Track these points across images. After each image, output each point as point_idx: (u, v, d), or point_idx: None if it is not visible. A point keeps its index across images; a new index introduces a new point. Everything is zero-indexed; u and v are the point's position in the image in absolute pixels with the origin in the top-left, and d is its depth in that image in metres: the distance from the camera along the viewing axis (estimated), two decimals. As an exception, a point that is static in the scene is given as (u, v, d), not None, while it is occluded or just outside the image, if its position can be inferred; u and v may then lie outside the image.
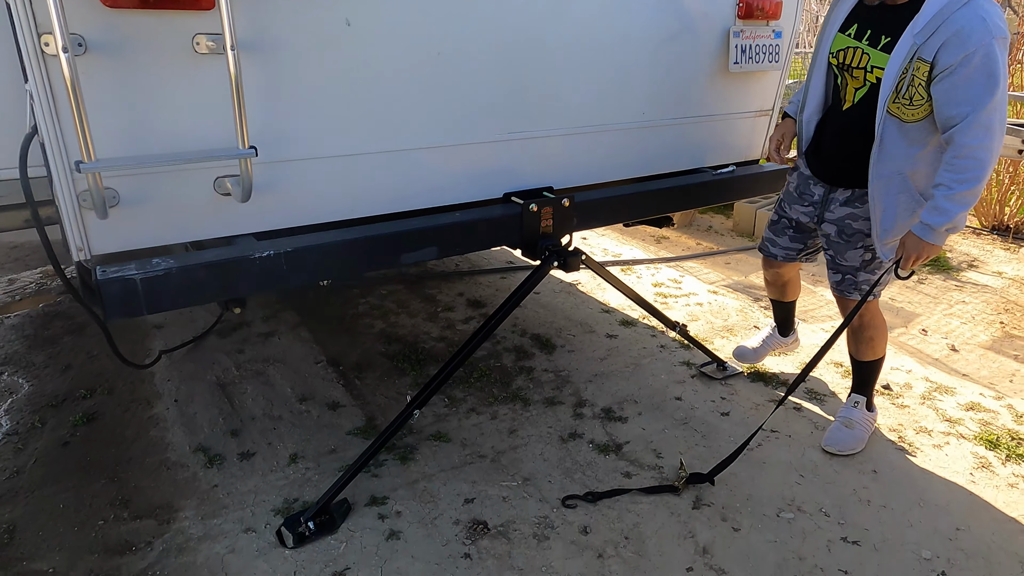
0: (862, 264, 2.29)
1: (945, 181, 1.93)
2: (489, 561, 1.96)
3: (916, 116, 1.96)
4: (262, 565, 1.95)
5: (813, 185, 2.38)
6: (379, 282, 4.00)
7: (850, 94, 2.18)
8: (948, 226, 1.96)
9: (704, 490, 2.25)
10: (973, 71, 1.82)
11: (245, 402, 2.76)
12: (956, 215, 1.94)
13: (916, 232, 2.01)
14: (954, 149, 1.90)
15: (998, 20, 1.83)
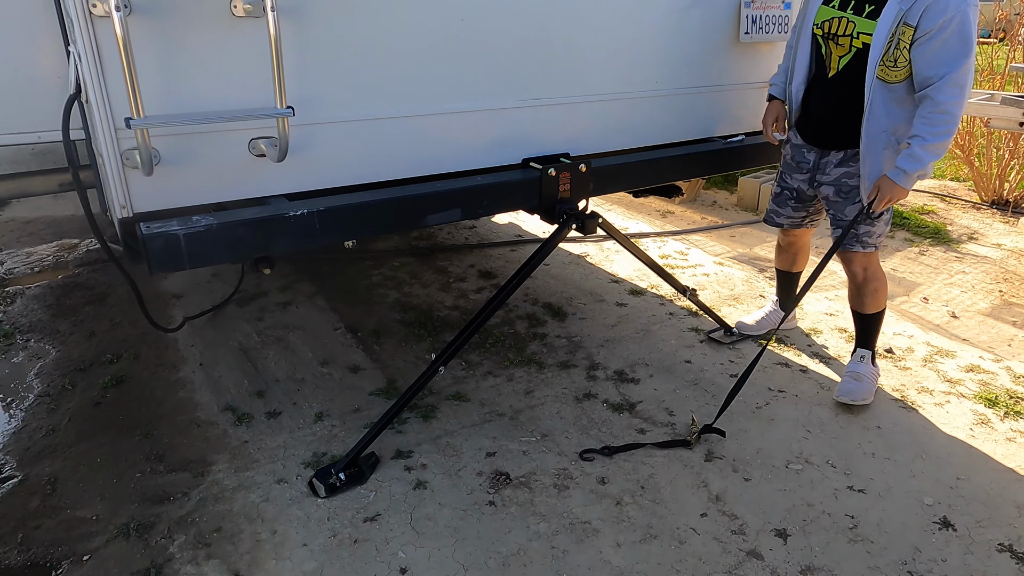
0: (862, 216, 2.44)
1: (921, 133, 2.12)
2: (512, 508, 2.05)
3: (899, 77, 2.14)
4: (296, 512, 2.04)
5: (806, 152, 2.51)
6: (391, 254, 4.08)
7: (835, 62, 2.32)
8: (920, 172, 2.17)
9: (715, 444, 2.35)
10: (950, 36, 2.02)
11: (268, 366, 2.85)
12: (928, 163, 2.15)
13: (891, 176, 2.22)
14: (930, 105, 2.09)
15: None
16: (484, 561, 1.86)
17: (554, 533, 1.96)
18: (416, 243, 4.26)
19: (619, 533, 1.96)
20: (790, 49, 2.52)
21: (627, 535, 1.95)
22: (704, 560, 1.87)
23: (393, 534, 1.95)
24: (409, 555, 1.88)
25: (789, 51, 2.53)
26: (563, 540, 1.93)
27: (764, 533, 1.96)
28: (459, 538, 1.94)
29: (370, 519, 2.01)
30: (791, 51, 2.49)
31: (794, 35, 2.48)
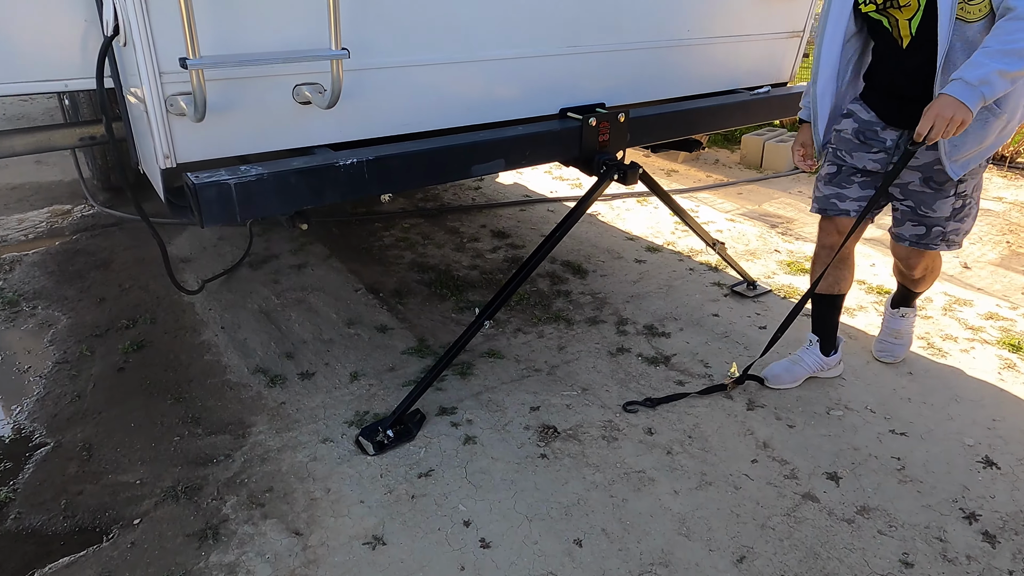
0: (952, 213, 2.08)
1: (990, 43, 1.76)
2: (565, 459, 2.05)
3: (980, 14, 1.84)
4: (347, 470, 2.01)
5: (881, 131, 2.08)
6: (400, 216, 4.00)
7: (905, 28, 1.97)
8: (982, 81, 1.72)
9: (755, 393, 2.37)
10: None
11: (292, 327, 2.79)
12: (993, 72, 1.71)
13: (949, 91, 1.76)
14: (1008, 15, 1.75)
15: None
16: (546, 511, 1.86)
17: (610, 483, 1.96)
18: (423, 205, 4.18)
19: (674, 481, 1.97)
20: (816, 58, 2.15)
21: (682, 482, 1.97)
22: (761, 504, 1.90)
23: (450, 488, 1.94)
24: (470, 508, 1.87)
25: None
26: (620, 489, 1.94)
27: (816, 476, 2.00)
28: (517, 490, 1.93)
29: (424, 475, 1.99)
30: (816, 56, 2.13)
31: (819, 38, 2.10)
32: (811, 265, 2.37)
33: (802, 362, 2.43)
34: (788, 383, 2.41)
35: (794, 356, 2.46)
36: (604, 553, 1.73)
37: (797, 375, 2.42)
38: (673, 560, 1.72)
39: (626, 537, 1.78)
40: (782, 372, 2.43)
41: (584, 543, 1.77)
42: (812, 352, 2.43)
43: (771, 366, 2.46)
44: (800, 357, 2.44)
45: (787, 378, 2.41)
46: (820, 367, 2.43)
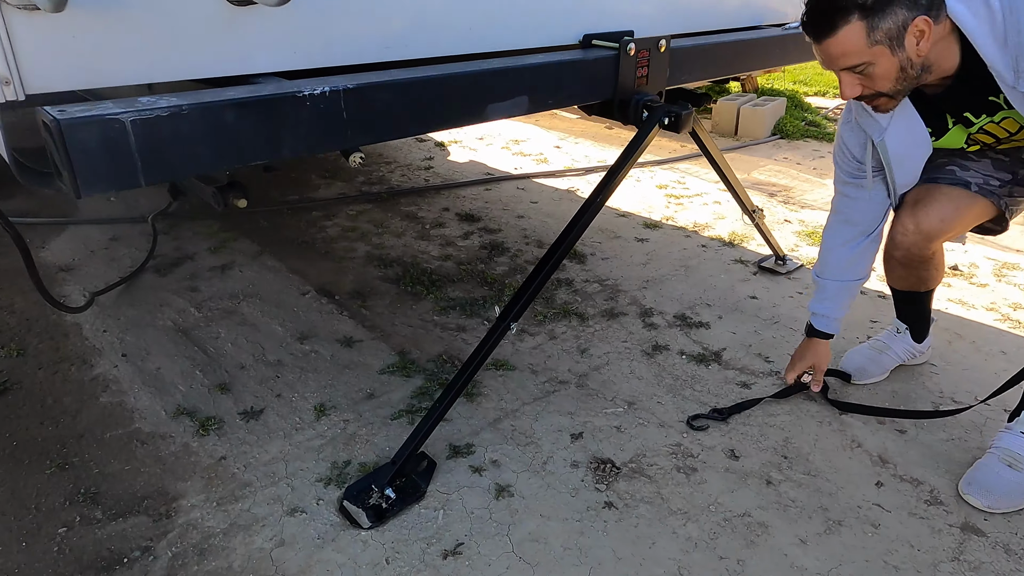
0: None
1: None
2: (640, 508, 1.49)
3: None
4: (333, 557, 1.37)
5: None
6: (342, 202, 3.31)
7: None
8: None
9: (839, 391, 1.89)
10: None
11: (224, 348, 2.08)
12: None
13: None
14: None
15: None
16: (641, 594, 1.30)
17: (712, 537, 1.42)
18: (367, 189, 3.50)
19: (792, 524, 1.45)
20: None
21: (804, 526, 1.45)
22: (917, 547, 1.41)
23: (494, 572, 1.34)
24: (530, 601, 1.28)
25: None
26: (729, 544, 1.40)
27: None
28: (592, 564, 1.35)
29: (451, 552, 1.38)
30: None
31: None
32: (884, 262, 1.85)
33: (890, 350, 1.96)
34: (877, 376, 1.94)
35: (876, 343, 1.99)
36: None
37: (886, 366, 1.95)
38: (836, 650, 1.20)
39: (758, 619, 1.25)
40: (867, 363, 1.94)
41: (711, 640, 1.22)
42: (902, 340, 1.96)
43: (850, 356, 1.98)
44: (886, 344, 1.97)
45: (875, 370, 1.94)
46: (911, 355, 1.98)
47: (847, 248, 1.71)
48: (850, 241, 1.71)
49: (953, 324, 2.24)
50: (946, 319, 2.26)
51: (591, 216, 1.69)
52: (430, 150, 4.17)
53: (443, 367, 1.99)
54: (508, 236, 2.93)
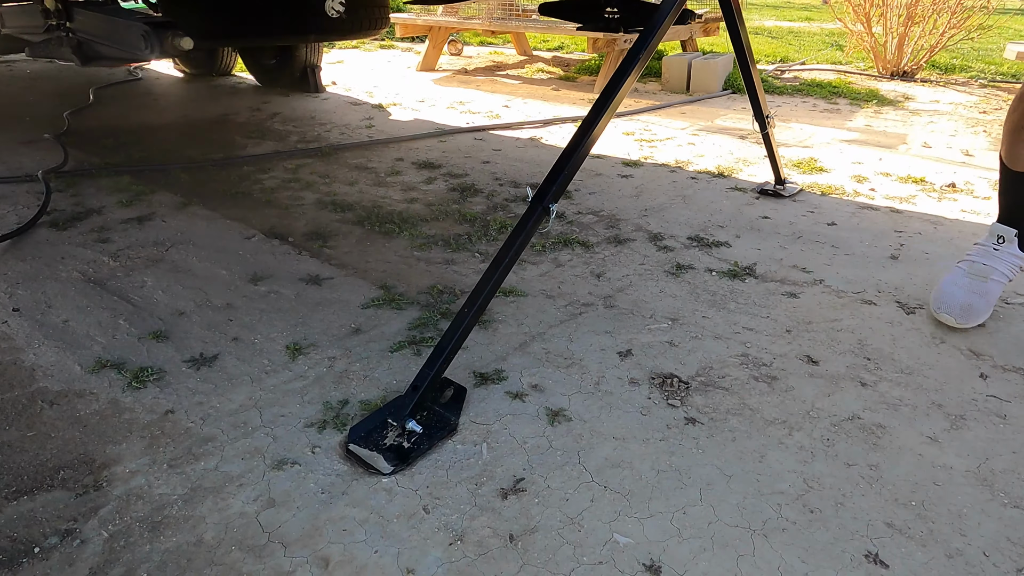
0: None
1: None
2: (731, 420, 1.19)
3: None
4: (350, 512, 0.99)
5: None
6: (275, 158, 2.87)
7: None
8: None
9: (884, 294, 1.67)
10: None
11: (153, 296, 1.63)
12: None
13: None
14: None
15: None
16: (776, 515, 0.99)
17: (828, 444, 1.14)
18: (303, 146, 3.07)
19: (913, 423, 1.19)
20: None
21: (927, 424, 1.20)
22: (1060, 433, 1.18)
23: (575, 507, 0.99)
24: (640, 540, 0.95)
25: None
26: (851, 450, 1.12)
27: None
28: (699, 485, 1.03)
29: (511, 491, 1.02)
30: None
31: None
32: (1012, 122, 1.48)
33: (995, 272, 1.51)
34: (985, 313, 1.50)
35: (976, 265, 1.53)
36: (932, 570, 0.91)
37: (993, 294, 1.51)
38: (1028, 554, 0.93)
39: (942, 531, 0.96)
40: (971, 299, 1.49)
41: (884, 556, 0.93)
42: (1006, 254, 1.52)
43: (947, 291, 1.51)
44: (988, 265, 1.52)
45: (983, 306, 1.49)
46: (1017, 269, 1.54)
47: None
48: None
49: (980, 231, 2.09)
50: (973, 227, 2.12)
51: (620, 99, 1.39)
52: (368, 111, 3.77)
53: (440, 297, 1.63)
54: (478, 179, 2.59)
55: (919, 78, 4.80)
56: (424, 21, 4.97)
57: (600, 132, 1.35)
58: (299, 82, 4.23)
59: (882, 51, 4.82)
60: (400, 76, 4.95)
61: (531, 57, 5.86)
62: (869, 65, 5.12)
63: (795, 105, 3.95)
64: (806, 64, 5.32)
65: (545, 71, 5.15)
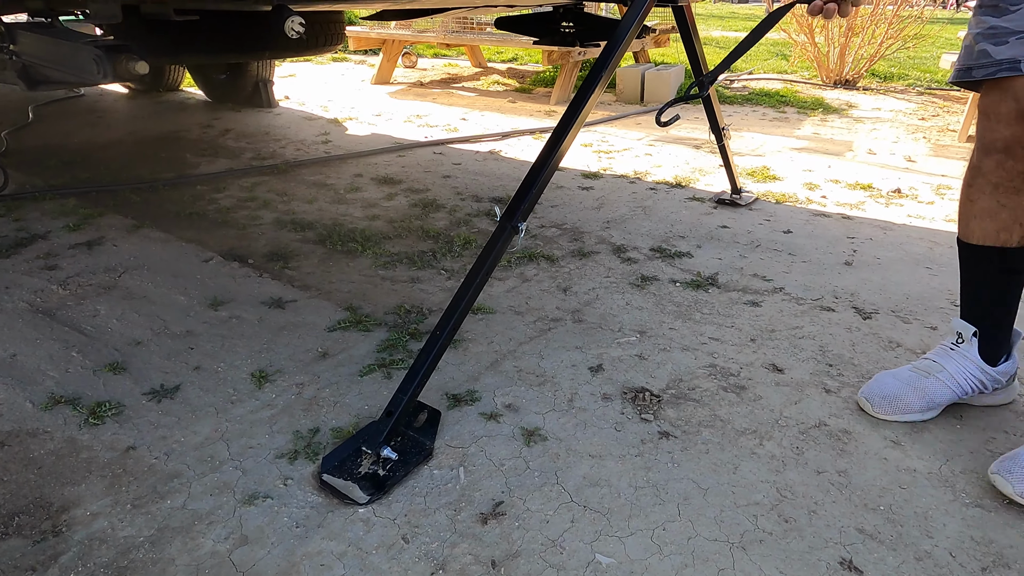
0: None
1: None
2: (703, 432, 1.21)
3: None
4: (327, 546, 0.96)
5: None
6: (230, 175, 2.80)
7: None
8: None
9: (842, 297, 1.73)
10: None
11: (107, 325, 1.57)
12: None
13: None
14: None
15: None
16: (753, 525, 1.00)
17: (798, 452, 1.16)
18: (258, 163, 3.01)
19: (877, 428, 1.23)
20: None
21: (889, 428, 1.23)
22: (1010, 432, 1.23)
23: (556, 529, 0.99)
24: (621, 559, 0.95)
25: None
26: (820, 457, 1.14)
27: None
28: (676, 499, 1.04)
29: (491, 515, 1.01)
30: None
31: None
32: (963, 192, 1.22)
33: (942, 372, 1.26)
34: (916, 411, 1.25)
35: (923, 360, 1.31)
36: (903, 572, 0.93)
37: (933, 394, 1.25)
38: (1012, 558, 0.97)
39: (910, 534, 0.99)
40: (900, 390, 1.26)
41: (858, 562, 0.95)
42: (962, 355, 1.26)
43: (876, 376, 1.32)
44: (936, 363, 1.28)
45: (913, 401, 1.25)
46: (977, 385, 1.26)
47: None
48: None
49: (926, 235, 2.18)
50: (920, 232, 2.20)
51: (589, 107, 1.40)
52: (324, 126, 3.73)
53: (407, 317, 1.61)
54: (439, 194, 2.58)
55: (861, 86, 4.99)
56: (378, 34, 4.95)
57: (566, 149, 1.36)
58: (251, 97, 4.16)
59: (825, 60, 5.00)
60: (355, 89, 4.91)
61: (486, 69, 5.88)
62: (813, 74, 5.30)
63: (746, 114, 4.06)
64: (754, 73, 5.47)
65: (501, 83, 5.18)
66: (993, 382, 1.26)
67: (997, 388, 1.28)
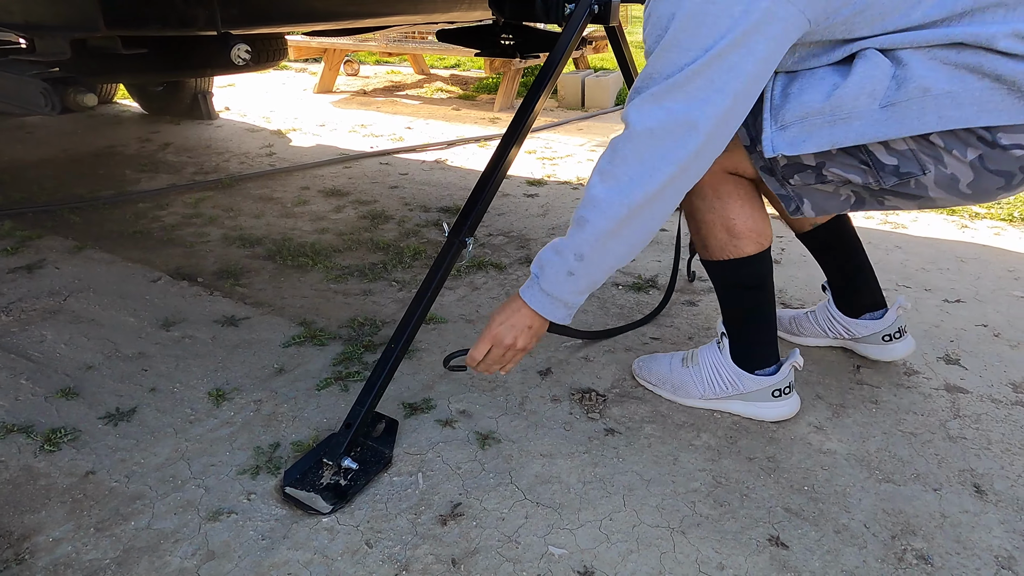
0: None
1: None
2: (646, 427, 1.29)
3: None
4: (293, 556, 1.00)
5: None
6: (173, 191, 2.77)
7: None
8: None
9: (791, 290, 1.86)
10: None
11: (56, 351, 1.56)
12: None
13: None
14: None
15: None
16: (691, 511, 1.09)
17: (731, 441, 1.26)
18: (200, 178, 2.98)
19: (803, 415, 1.34)
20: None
21: (813, 415, 1.34)
22: (919, 412, 1.36)
23: (512, 526, 1.06)
24: (572, 549, 1.02)
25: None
26: (751, 444, 1.24)
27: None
28: (621, 491, 1.12)
29: (450, 516, 1.07)
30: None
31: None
32: (693, 206, 1.25)
33: (694, 363, 1.36)
34: (649, 381, 1.41)
35: (693, 351, 1.39)
36: (824, 545, 1.03)
37: (680, 383, 1.35)
38: (917, 526, 1.08)
39: (830, 510, 1.10)
40: (654, 364, 1.42)
41: (784, 538, 1.05)
42: (711, 353, 1.34)
43: (652, 358, 1.44)
44: (698, 355, 1.36)
45: (654, 374, 1.40)
46: (721, 387, 1.32)
47: None
48: None
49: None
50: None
51: (530, 123, 1.48)
52: (267, 138, 3.71)
53: (361, 330, 1.66)
54: (387, 205, 2.62)
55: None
56: (319, 43, 4.93)
57: (508, 166, 1.43)
58: (189, 109, 4.09)
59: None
60: (297, 99, 4.88)
61: (429, 76, 5.92)
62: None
63: (682, 118, 4.21)
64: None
65: (444, 90, 5.23)
66: (735, 384, 1.31)
67: (756, 400, 1.31)
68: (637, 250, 1.07)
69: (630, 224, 1.03)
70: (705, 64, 0.93)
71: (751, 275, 1.25)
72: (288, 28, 2.07)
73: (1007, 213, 2.48)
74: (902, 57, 0.96)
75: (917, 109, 0.95)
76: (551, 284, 1.11)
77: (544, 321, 1.14)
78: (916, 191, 1.06)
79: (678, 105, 0.95)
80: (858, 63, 0.97)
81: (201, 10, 0.99)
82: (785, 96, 1.03)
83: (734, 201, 1.19)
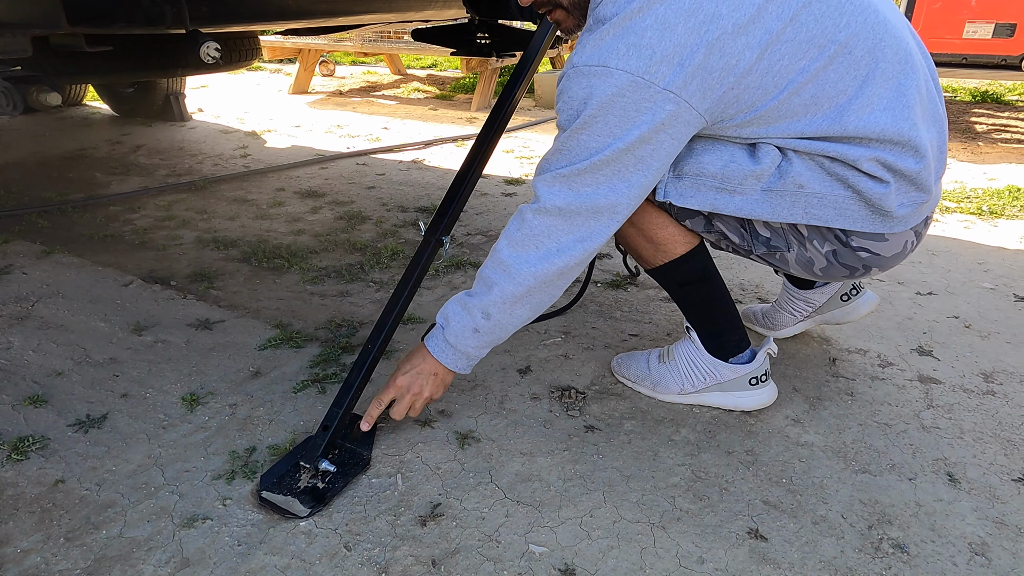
0: None
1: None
2: (626, 424, 1.29)
3: None
4: (270, 561, 0.99)
5: None
6: (145, 194, 2.72)
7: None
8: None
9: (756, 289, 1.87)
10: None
11: (23, 357, 1.52)
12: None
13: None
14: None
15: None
16: (672, 505, 1.09)
17: (710, 435, 1.26)
18: (174, 181, 2.94)
19: (780, 408, 1.34)
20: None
21: (790, 408, 1.35)
22: (893, 403, 1.37)
23: (493, 526, 1.05)
24: (552, 546, 1.02)
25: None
26: (730, 439, 1.25)
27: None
28: (602, 488, 1.12)
29: (430, 517, 1.06)
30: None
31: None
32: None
33: (670, 359, 1.37)
34: (628, 378, 1.42)
35: (668, 347, 1.39)
36: (802, 536, 1.04)
37: (658, 379, 1.36)
38: (893, 515, 1.10)
39: (808, 502, 1.10)
40: (632, 362, 1.42)
41: (763, 531, 1.05)
42: (686, 347, 1.35)
43: (630, 356, 1.45)
44: (673, 351, 1.37)
45: (633, 371, 1.41)
46: (699, 379, 1.32)
47: None
48: None
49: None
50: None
51: (506, 120, 1.47)
52: (242, 139, 3.66)
53: (338, 331, 1.64)
54: (364, 206, 2.60)
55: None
56: (293, 43, 4.88)
57: (483, 166, 1.43)
58: (162, 111, 4.03)
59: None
60: (272, 100, 4.82)
61: (406, 76, 5.89)
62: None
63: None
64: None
65: (421, 90, 5.21)
66: (712, 374, 1.32)
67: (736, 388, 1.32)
68: (543, 310, 1.15)
69: (538, 292, 1.11)
70: (615, 155, 1.00)
71: (691, 271, 1.29)
72: (260, 26, 2.04)
73: (976, 207, 2.53)
74: (790, 155, 1.08)
75: (790, 201, 1.09)
76: (456, 337, 1.16)
77: (449, 371, 1.20)
78: (778, 262, 1.22)
79: (587, 190, 1.03)
80: (756, 148, 1.09)
81: (169, 7, 0.97)
82: (689, 149, 1.12)
83: (649, 216, 1.23)
